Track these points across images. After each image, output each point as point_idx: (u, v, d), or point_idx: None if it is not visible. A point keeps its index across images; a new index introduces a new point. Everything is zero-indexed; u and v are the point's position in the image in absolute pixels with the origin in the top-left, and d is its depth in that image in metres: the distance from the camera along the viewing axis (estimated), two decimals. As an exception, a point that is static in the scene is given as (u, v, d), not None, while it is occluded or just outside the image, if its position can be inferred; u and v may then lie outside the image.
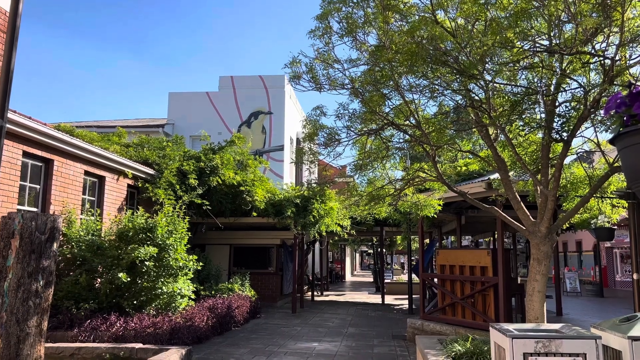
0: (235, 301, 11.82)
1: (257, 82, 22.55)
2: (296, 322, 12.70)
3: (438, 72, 4.57)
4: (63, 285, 8.77)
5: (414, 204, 7.12)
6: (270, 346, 9.31)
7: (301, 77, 5.32)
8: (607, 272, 28.26)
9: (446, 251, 10.19)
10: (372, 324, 12.79)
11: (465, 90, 5.34)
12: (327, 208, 14.63)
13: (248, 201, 14.04)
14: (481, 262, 8.98)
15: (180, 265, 9.52)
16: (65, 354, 6.63)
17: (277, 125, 22.09)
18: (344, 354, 8.75)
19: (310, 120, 5.65)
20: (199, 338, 9.29)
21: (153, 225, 9.37)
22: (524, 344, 3.68)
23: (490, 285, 8.73)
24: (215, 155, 13.74)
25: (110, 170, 11.08)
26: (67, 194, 9.61)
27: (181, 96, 22.77)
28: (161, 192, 11.78)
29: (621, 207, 7.37)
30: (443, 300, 9.88)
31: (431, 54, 4.21)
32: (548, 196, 5.50)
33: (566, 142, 5.10)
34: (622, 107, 1.56)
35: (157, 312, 9.14)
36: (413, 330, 9.97)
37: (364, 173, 6.19)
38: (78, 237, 9.19)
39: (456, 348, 5.35)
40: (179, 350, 6.54)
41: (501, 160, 6.09)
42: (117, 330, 8.01)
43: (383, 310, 16.32)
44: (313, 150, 6.03)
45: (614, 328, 3.87)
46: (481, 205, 5.94)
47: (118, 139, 14.50)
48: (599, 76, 5.31)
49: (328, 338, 10.39)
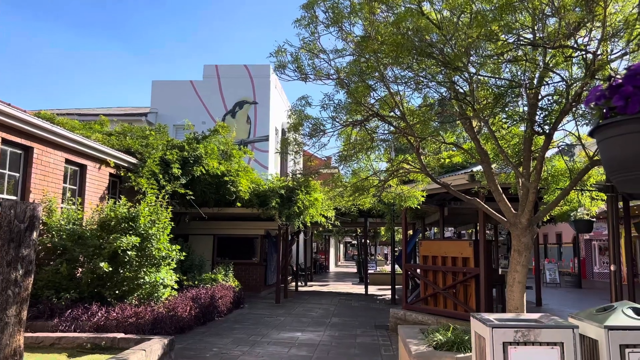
0: (218, 291, 11.80)
1: (242, 72, 22.35)
2: (280, 312, 12.73)
3: (423, 64, 4.58)
4: (43, 274, 8.66)
5: (397, 195, 7.16)
6: (254, 336, 9.34)
7: (286, 66, 5.28)
8: (586, 264, 28.83)
9: (429, 242, 10.29)
10: (356, 314, 12.89)
11: (449, 82, 5.36)
12: (312, 199, 14.64)
13: (232, 191, 13.98)
14: (463, 253, 9.08)
15: (163, 255, 9.47)
16: (45, 344, 6.58)
17: (262, 116, 21.97)
18: (327, 344, 8.81)
19: (296, 111, 5.63)
20: (181, 328, 9.27)
21: (135, 215, 9.28)
22: (503, 333, 3.74)
23: (471, 276, 8.84)
24: (199, 145, 13.63)
25: (92, 159, 10.94)
26: (48, 183, 9.47)
27: (165, 85, 22.49)
28: (144, 182, 11.66)
29: (600, 199, 7.50)
30: (425, 290, 9.99)
31: (416, 46, 4.22)
32: (529, 188, 5.57)
33: (548, 135, 5.16)
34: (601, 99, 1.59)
35: (140, 302, 9.09)
36: (395, 320, 10.06)
37: (348, 164, 6.20)
38: (59, 226, 9.07)
39: (437, 337, 5.41)
40: (161, 340, 6.53)
41: (484, 152, 6.14)
42: (98, 320, 7.95)
43: (366, 300, 16.45)
44: (298, 140, 6.02)
45: (591, 318, 3.95)
46: (463, 197, 6.00)
47: (100, 127, 14.31)
48: (581, 70, 5.37)
49: (311, 328, 10.45)
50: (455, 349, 5.17)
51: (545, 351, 3.67)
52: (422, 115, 5.33)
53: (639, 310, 3.74)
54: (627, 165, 1.57)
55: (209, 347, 8.25)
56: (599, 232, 25.67)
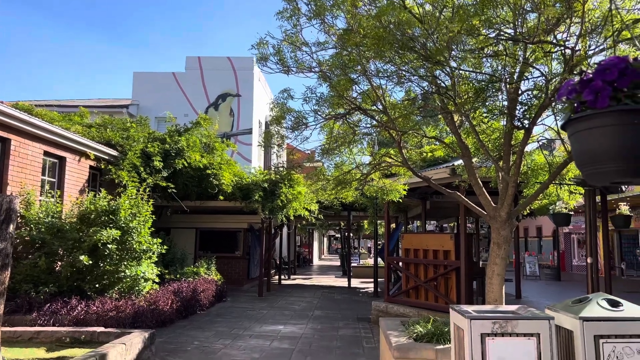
0: (200, 285, 11.76)
1: (225, 64, 22.15)
2: (262, 306, 12.74)
3: (405, 58, 4.59)
4: (21, 268, 8.53)
5: (380, 188, 7.19)
6: (236, 329, 9.33)
7: (268, 59, 5.25)
8: (565, 257, 29.36)
9: (411, 235, 10.37)
10: (338, 307, 12.96)
11: (431, 76, 5.39)
12: (295, 192, 14.63)
13: (215, 184, 13.90)
14: (444, 246, 9.17)
15: (144, 248, 9.39)
16: (24, 338, 6.49)
17: (246, 108, 21.83)
18: (309, 336, 8.84)
19: (278, 104, 5.61)
20: (163, 322, 9.22)
21: (116, 208, 9.18)
22: (481, 324, 3.80)
23: (452, 268, 8.94)
24: (181, 137, 13.51)
25: (72, 151, 10.77)
26: (26, 175, 9.30)
27: (146, 76, 22.20)
28: (125, 174, 11.53)
29: (578, 193, 7.64)
30: (407, 283, 10.08)
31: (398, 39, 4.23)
32: (509, 182, 5.64)
33: (527, 130, 5.22)
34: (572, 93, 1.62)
35: (120, 296, 9.01)
36: (377, 312, 10.14)
37: (331, 157, 6.21)
38: (37, 219, 8.93)
39: (417, 329, 5.47)
40: (141, 333, 6.49)
41: (465, 146, 6.19)
42: (78, 314, 7.86)
43: (349, 293, 16.54)
44: (280, 133, 6.00)
45: (567, 309, 4.03)
46: (444, 190, 6.05)
47: (80, 119, 14.08)
48: (561, 66, 5.45)
49: (294, 321, 10.47)
50: (435, 341, 5.23)
51: (522, 342, 3.74)
52: (404, 109, 5.35)
53: (613, 301, 3.82)
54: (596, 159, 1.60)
55: (191, 341, 8.22)
56: (578, 226, 26.12)
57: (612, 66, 1.53)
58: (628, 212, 9.38)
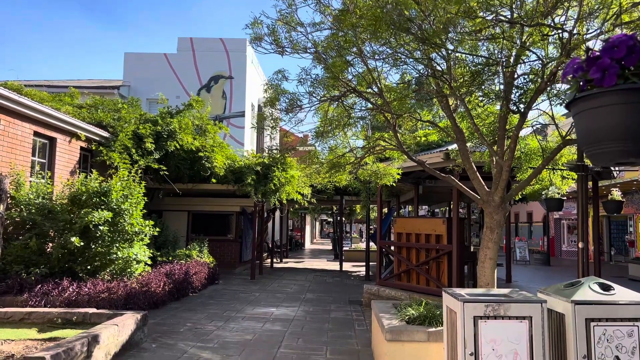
0: (193, 267, 11.75)
1: (217, 45, 21.88)
2: (255, 288, 12.78)
3: (401, 40, 4.53)
4: (12, 249, 8.46)
5: (373, 172, 7.17)
6: (228, 311, 9.36)
7: (262, 39, 5.17)
8: (555, 242, 29.67)
9: (403, 219, 10.40)
10: (330, 290, 13.03)
11: (427, 59, 5.34)
12: (288, 176, 14.58)
13: (207, 167, 13.82)
14: (437, 230, 9.21)
15: (136, 230, 9.34)
16: (15, 319, 6.46)
17: (238, 91, 21.64)
18: (301, 319, 8.89)
19: (272, 85, 5.53)
20: (155, 303, 9.22)
21: (107, 189, 9.10)
22: (474, 307, 3.82)
23: (444, 252, 8.99)
24: (172, 119, 13.38)
25: (62, 132, 10.63)
26: (15, 156, 9.18)
27: (137, 57, 21.90)
28: (116, 156, 11.42)
29: (570, 178, 7.67)
30: (399, 267, 10.13)
31: (395, 21, 4.16)
32: (503, 167, 5.64)
33: (523, 114, 5.21)
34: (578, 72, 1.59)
35: (112, 278, 8.98)
36: (369, 295, 10.20)
37: (325, 140, 6.17)
38: (27, 200, 8.83)
39: (410, 312, 5.51)
40: (134, 315, 6.48)
41: (459, 130, 6.18)
42: (69, 295, 7.83)
43: (341, 277, 16.63)
44: (274, 116, 5.94)
45: (559, 293, 4.06)
46: (438, 174, 6.05)
47: (70, 100, 13.90)
48: (557, 50, 5.41)
49: (286, 303, 10.52)
50: (427, 323, 5.27)
51: (514, 325, 3.77)
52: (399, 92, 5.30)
53: (604, 285, 3.85)
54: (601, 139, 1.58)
55: (183, 322, 8.23)
56: (568, 212, 26.37)
57: (621, 43, 1.50)
58: (620, 198, 9.44)
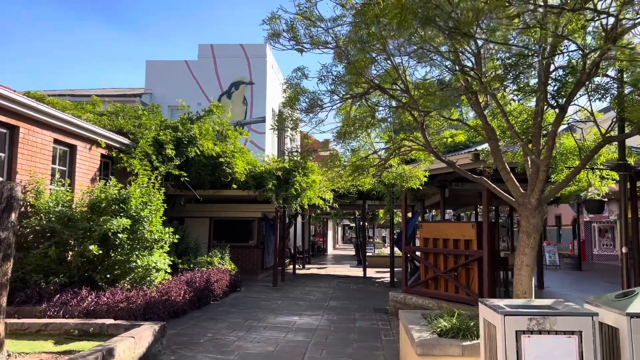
0: (214, 275, 11.55)
1: (238, 51, 21.81)
2: (277, 296, 12.50)
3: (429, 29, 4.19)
4: (31, 258, 8.37)
5: (399, 175, 6.83)
6: (250, 320, 9.09)
7: (281, 35, 4.89)
8: (585, 246, 28.68)
9: (430, 224, 10.00)
10: (354, 297, 12.67)
11: (455, 52, 5.00)
12: (309, 181, 14.31)
13: (228, 173, 13.64)
14: (465, 235, 8.80)
15: (155, 237, 9.17)
16: (32, 330, 6.30)
17: (259, 96, 21.50)
18: (325, 328, 8.57)
19: (291, 84, 5.26)
20: (175, 313, 9.02)
21: (126, 196, 8.96)
22: (516, 320, 3.46)
23: (474, 258, 8.57)
24: (193, 125, 13.25)
25: (82, 139, 10.56)
26: (35, 163, 9.11)
27: (159, 65, 21.96)
28: (136, 163, 11.31)
29: (610, 179, 7.20)
30: (426, 273, 9.73)
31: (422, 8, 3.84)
32: (540, 166, 5.26)
33: (562, 108, 4.83)
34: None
35: (132, 286, 8.81)
36: (395, 303, 9.83)
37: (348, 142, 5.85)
38: (47, 208, 8.74)
39: (441, 323, 5.14)
40: (152, 326, 6.26)
41: (491, 129, 5.81)
42: (88, 305, 7.67)
43: (364, 283, 16.25)
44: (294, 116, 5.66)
45: (610, 304, 3.67)
46: (470, 175, 5.69)
47: (92, 108, 13.91)
48: (595, 40, 5.01)
49: (309, 312, 10.21)
50: (461, 336, 4.90)
51: (562, 341, 3.39)
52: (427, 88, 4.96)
53: (663, 295, 3.46)
54: None
55: (203, 332, 8.00)
56: (599, 215, 25.48)
57: None
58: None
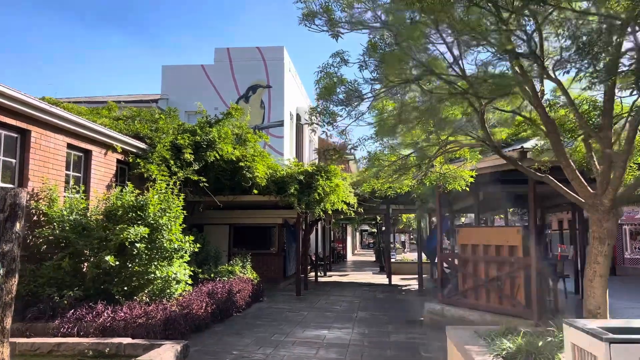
0: (236, 285, 10.96)
1: (254, 54, 21.32)
2: (301, 306, 11.86)
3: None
4: (44, 270, 7.84)
5: (441, 175, 6.15)
6: (277, 335, 8.46)
7: (316, 15, 4.30)
8: (617, 250, 27.55)
9: (469, 229, 9.30)
10: (382, 307, 11.97)
11: (510, 31, 4.34)
12: (333, 185, 13.67)
13: (248, 178, 13.06)
14: (510, 241, 8.07)
15: (175, 247, 8.59)
16: (43, 351, 5.77)
17: (276, 100, 20.96)
18: (358, 343, 7.90)
19: (327, 73, 4.63)
20: (197, 327, 8.42)
21: (144, 203, 8.42)
22: (626, 349, 2.78)
23: (520, 266, 7.85)
24: (212, 129, 12.72)
25: (98, 144, 10.07)
26: (48, 169, 8.63)
27: (175, 69, 21.57)
28: (154, 168, 10.80)
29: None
30: (464, 282, 9.01)
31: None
32: (615, 160, 4.55)
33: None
34: None
35: (150, 300, 8.25)
36: (431, 315, 9.13)
37: (393, 137, 5.21)
38: (61, 217, 8.25)
39: (506, 345, 4.45)
40: (173, 345, 5.67)
41: (551, 121, 5.13)
42: (104, 321, 7.11)
43: (391, 291, 15.53)
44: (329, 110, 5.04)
45: None
46: (533, 173, 5.01)
47: (108, 113, 13.49)
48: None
49: (338, 324, 9.55)
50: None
51: (690, 376, 2.70)
52: (486, 73, 4.31)
53: None
54: None
55: (229, 349, 7.38)
56: (630, 216, 24.48)
57: None
58: None
